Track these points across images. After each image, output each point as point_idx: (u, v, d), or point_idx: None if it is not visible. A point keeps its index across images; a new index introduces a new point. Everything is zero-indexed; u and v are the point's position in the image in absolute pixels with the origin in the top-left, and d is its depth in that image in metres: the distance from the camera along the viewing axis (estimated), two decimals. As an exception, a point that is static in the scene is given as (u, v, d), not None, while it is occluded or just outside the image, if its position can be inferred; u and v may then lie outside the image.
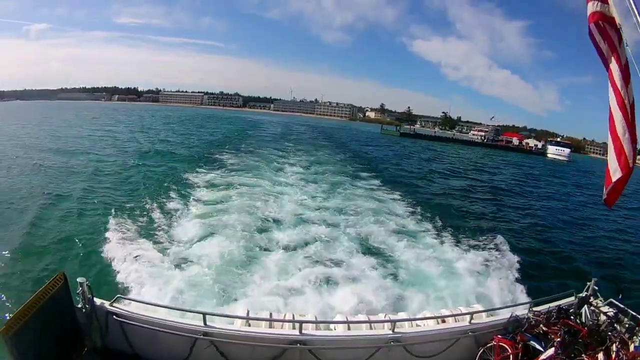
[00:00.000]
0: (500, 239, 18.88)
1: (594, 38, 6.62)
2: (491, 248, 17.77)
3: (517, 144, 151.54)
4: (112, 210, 17.83)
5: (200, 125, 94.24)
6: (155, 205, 19.47)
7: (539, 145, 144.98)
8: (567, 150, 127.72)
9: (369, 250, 16.41)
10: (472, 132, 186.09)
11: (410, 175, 43.29)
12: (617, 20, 6.30)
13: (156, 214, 18.18)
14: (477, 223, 23.47)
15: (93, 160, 34.57)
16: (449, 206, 27.89)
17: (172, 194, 21.88)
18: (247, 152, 43.24)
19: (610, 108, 6.50)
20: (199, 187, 24.40)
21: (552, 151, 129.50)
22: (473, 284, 13.83)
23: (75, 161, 33.64)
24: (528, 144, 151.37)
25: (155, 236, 15.56)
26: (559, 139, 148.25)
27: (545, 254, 19.31)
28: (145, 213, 18.19)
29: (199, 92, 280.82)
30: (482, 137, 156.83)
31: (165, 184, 24.39)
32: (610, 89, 6.40)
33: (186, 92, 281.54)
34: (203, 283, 12.15)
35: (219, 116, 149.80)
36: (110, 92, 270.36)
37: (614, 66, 6.33)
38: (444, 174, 49.30)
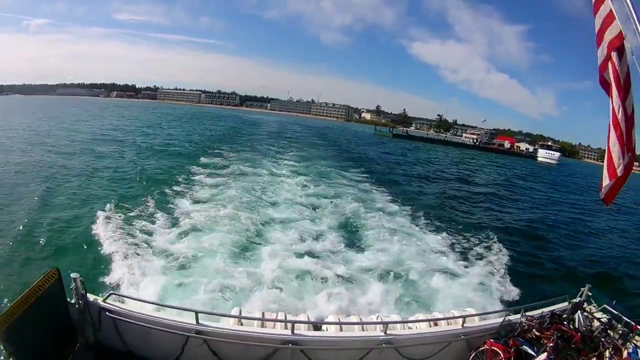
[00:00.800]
0: (493, 241, 19.00)
1: (605, 83, 6.60)
2: (483, 250, 17.87)
3: (509, 147, 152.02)
4: (108, 205, 17.67)
5: (199, 122, 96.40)
6: (151, 199, 19.45)
7: (530, 149, 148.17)
8: (556, 154, 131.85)
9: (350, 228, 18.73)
10: (464, 134, 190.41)
11: (396, 172, 45.76)
12: (623, 33, 6.23)
13: (153, 208, 18.11)
14: (467, 223, 23.51)
15: (93, 154, 34.68)
16: (438, 203, 29.12)
17: (169, 188, 22.05)
18: (244, 148, 46.20)
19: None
20: (196, 180, 24.90)
21: (542, 155, 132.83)
22: (464, 287, 13.85)
23: (76, 154, 33.78)
24: (519, 147, 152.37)
25: (151, 230, 15.48)
26: (549, 143, 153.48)
27: (539, 259, 19.24)
28: (141, 207, 18.10)
29: (196, 91, 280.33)
30: (474, 140, 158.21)
31: (162, 178, 24.71)
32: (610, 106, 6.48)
33: (184, 90, 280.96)
34: (199, 278, 12.08)
35: (216, 114, 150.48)
36: (109, 89, 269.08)
37: (613, 88, 6.35)
38: (431, 173, 50.66)
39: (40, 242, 14.25)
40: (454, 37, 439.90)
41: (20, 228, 15.14)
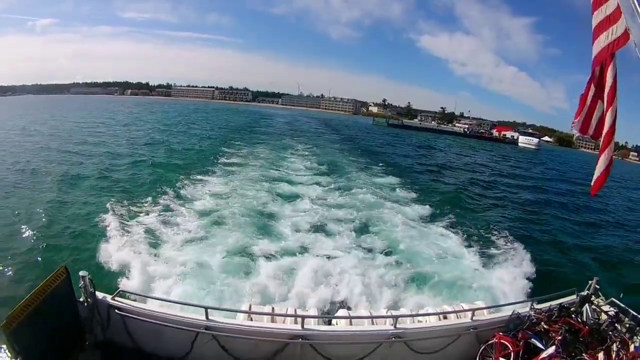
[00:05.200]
0: (501, 234, 18.76)
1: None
2: (491, 242, 17.63)
3: (497, 135, 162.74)
4: (118, 202, 17.46)
5: (217, 115, 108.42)
6: (163, 195, 19.20)
7: (515, 136, 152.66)
8: (535, 140, 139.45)
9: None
10: (456, 124, 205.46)
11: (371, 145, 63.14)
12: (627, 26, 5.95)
13: (163, 205, 17.85)
14: (473, 212, 23.78)
15: (107, 151, 34.67)
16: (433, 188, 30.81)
17: (183, 184, 21.93)
18: (265, 129, 66.24)
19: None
20: (213, 172, 26.03)
21: (522, 140, 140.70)
22: (471, 278, 13.60)
23: (92, 151, 33.94)
24: (505, 135, 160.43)
25: (162, 227, 15.24)
26: (530, 131, 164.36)
27: (547, 251, 18.70)
28: (151, 203, 17.89)
29: (209, 87, 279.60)
30: (465, 129, 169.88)
31: (175, 176, 24.25)
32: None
33: (197, 87, 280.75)
34: (210, 272, 12.11)
35: (235, 109, 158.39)
36: (123, 87, 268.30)
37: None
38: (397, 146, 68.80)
39: (49, 240, 14.00)
40: (462, 30, 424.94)
41: (29, 226, 14.94)
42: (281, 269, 12.74)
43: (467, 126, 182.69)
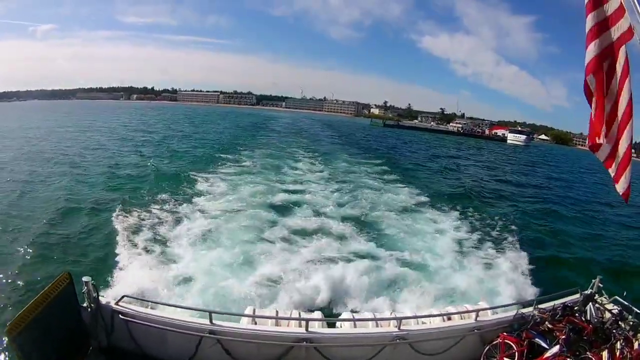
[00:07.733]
0: (501, 232, 18.72)
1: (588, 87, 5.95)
2: (493, 241, 17.44)
3: (488, 133, 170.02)
4: (121, 207, 17.13)
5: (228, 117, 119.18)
6: (166, 199, 18.91)
7: (506, 134, 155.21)
8: (523, 137, 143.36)
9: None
10: (450, 124, 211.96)
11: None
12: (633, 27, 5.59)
13: (167, 208, 17.59)
14: (469, 207, 23.57)
15: (113, 154, 34.66)
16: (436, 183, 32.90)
17: (187, 186, 21.85)
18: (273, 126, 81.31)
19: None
20: (220, 170, 27.32)
21: (511, 138, 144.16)
22: (470, 278, 13.41)
23: (100, 156, 33.61)
24: (496, 133, 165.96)
25: (165, 230, 15.03)
26: (519, 128, 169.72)
27: (549, 250, 18.33)
28: (156, 207, 17.54)
29: (214, 92, 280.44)
30: (459, 129, 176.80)
31: (179, 178, 24.00)
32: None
33: (202, 91, 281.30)
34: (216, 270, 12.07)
35: (244, 113, 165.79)
36: (128, 92, 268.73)
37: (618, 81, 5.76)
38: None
39: (52, 246, 13.71)
40: (462, 30, 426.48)
41: (32, 232, 14.64)
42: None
43: (461, 125, 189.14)
